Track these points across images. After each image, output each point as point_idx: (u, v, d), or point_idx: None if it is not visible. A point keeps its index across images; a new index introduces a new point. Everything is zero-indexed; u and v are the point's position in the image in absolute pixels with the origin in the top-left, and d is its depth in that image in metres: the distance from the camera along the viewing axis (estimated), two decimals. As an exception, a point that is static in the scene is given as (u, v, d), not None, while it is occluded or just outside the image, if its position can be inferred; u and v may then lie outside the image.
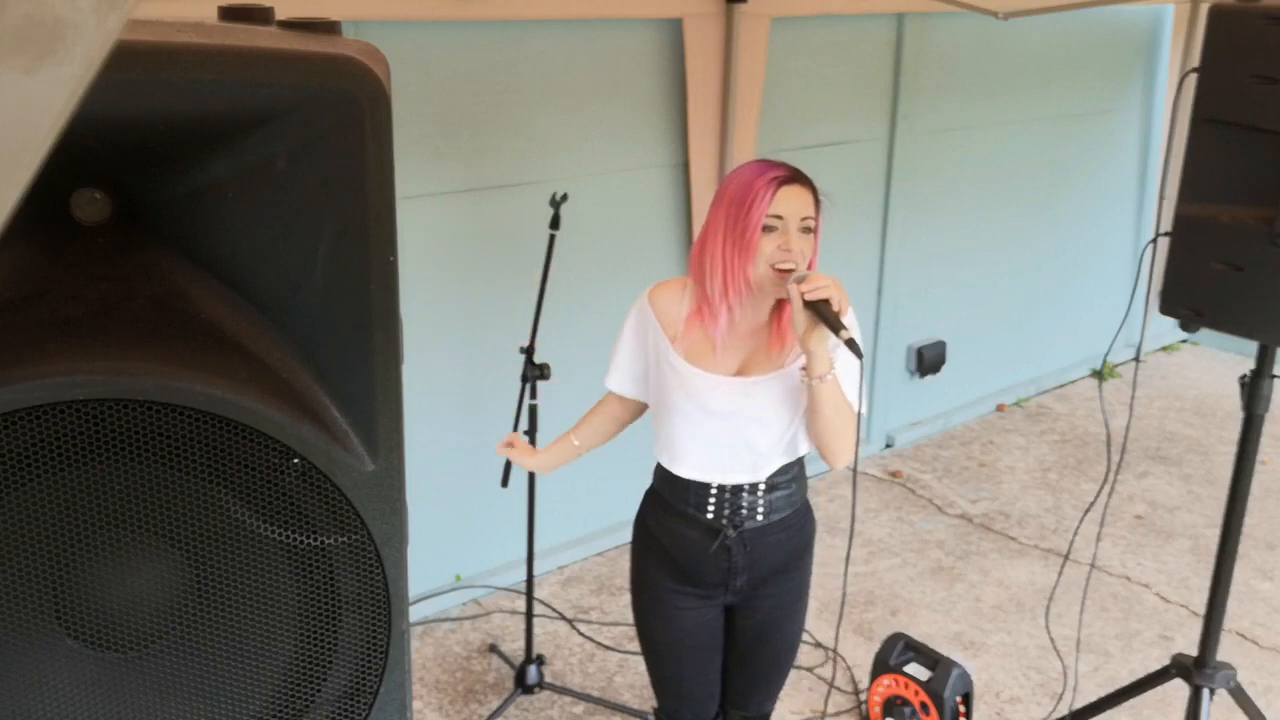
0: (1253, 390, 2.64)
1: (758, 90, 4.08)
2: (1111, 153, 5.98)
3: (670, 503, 2.29)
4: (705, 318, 2.16)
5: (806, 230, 2.10)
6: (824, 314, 1.98)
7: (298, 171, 0.96)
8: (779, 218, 2.07)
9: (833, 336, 2.00)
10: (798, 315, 2.03)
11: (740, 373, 2.20)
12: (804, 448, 2.28)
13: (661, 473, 2.32)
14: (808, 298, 1.99)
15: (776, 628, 2.40)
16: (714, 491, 2.24)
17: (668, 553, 2.30)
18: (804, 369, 2.12)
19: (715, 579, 2.31)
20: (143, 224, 0.98)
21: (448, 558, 3.95)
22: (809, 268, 2.12)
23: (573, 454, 2.49)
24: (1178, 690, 2.97)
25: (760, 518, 2.26)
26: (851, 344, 1.97)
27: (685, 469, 2.24)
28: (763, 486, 2.24)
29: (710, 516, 2.25)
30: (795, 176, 2.11)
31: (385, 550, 1.07)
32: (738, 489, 2.24)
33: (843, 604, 2.36)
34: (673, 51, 3.95)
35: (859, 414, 2.19)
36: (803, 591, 2.42)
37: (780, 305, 2.18)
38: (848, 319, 2.05)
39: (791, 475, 2.29)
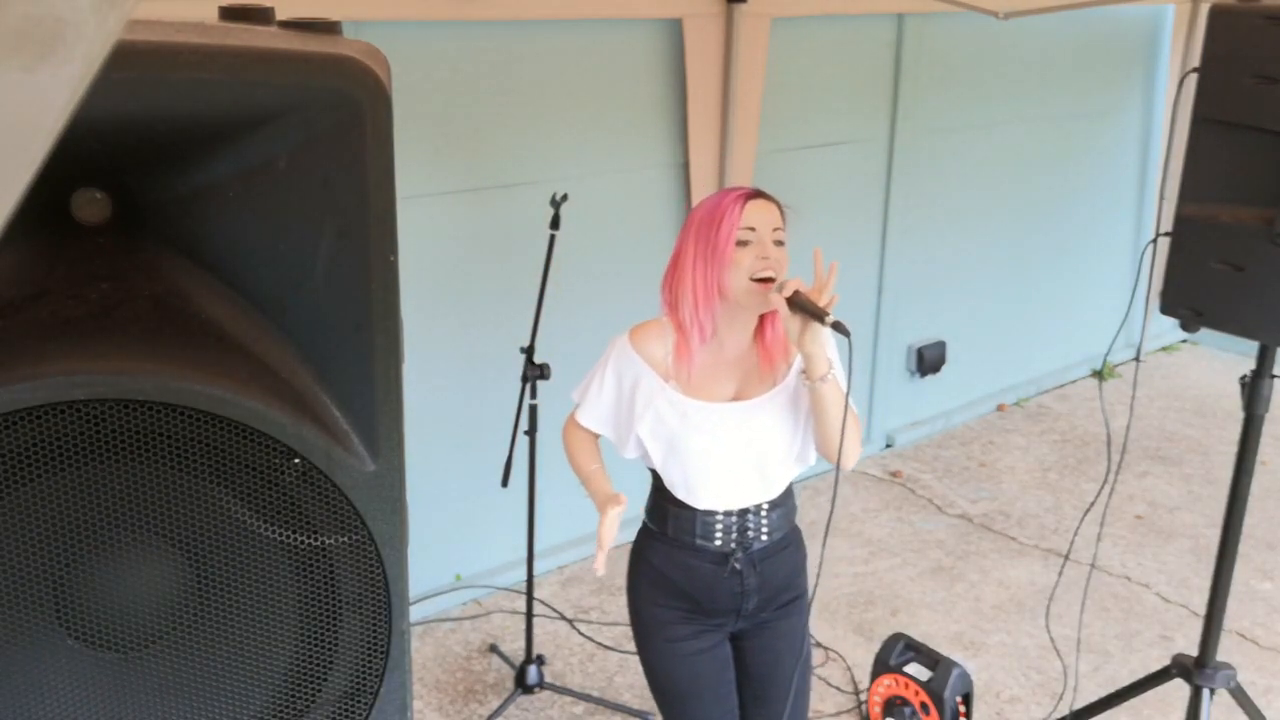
0: (1253, 390, 2.64)
1: (758, 90, 4.07)
2: (1111, 153, 5.97)
3: (675, 536, 2.27)
4: (685, 343, 2.18)
5: (779, 243, 2.16)
6: (805, 307, 2.04)
7: (298, 171, 0.96)
8: (752, 229, 2.12)
9: (824, 331, 2.06)
10: (789, 323, 2.08)
11: (738, 398, 2.22)
12: (812, 456, 2.29)
13: (663, 508, 2.29)
14: (784, 295, 2.06)
15: (788, 647, 2.37)
16: (720, 518, 2.24)
17: (677, 586, 2.28)
18: (804, 373, 2.15)
19: (728, 605, 2.30)
20: (143, 224, 0.98)
21: (448, 558, 3.95)
22: None
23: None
24: (1178, 690, 2.97)
25: (765, 537, 2.28)
26: (838, 325, 2.02)
27: (703, 500, 2.23)
28: (765, 507, 2.26)
29: (718, 543, 2.25)
30: (760, 193, 2.19)
31: (385, 550, 1.07)
32: (744, 512, 2.25)
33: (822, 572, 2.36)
34: (673, 51, 3.95)
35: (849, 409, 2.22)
36: (803, 605, 2.41)
37: (762, 325, 2.22)
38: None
39: (788, 491, 2.33)
